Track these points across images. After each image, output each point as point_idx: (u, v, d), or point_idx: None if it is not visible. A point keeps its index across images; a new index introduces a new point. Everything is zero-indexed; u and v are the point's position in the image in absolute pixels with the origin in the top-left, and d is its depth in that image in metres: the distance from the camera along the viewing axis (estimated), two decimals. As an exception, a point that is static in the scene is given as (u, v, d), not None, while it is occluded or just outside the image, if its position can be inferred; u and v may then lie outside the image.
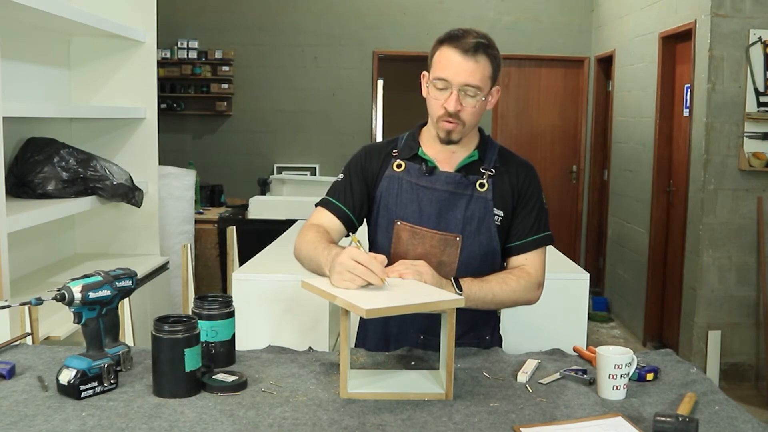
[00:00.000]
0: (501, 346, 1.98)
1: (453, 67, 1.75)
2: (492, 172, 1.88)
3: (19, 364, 1.65)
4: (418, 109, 1.94)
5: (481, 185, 1.86)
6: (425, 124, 1.93)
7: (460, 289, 1.74)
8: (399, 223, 1.86)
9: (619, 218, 6.14)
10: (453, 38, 1.77)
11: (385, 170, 1.90)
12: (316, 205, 1.96)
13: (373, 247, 1.93)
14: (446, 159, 1.89)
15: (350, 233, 1.87)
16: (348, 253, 1.58)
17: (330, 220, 1.90)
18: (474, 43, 1.75)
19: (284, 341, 1.95)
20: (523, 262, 1.89)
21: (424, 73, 1.86)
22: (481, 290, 1.78)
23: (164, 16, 4.18)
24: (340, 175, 1.96)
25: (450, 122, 1.79)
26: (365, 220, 1.97)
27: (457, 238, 1.84)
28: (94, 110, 3.34)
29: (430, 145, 1.90)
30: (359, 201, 1.92)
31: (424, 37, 6.94)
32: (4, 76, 2.61)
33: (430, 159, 1.88)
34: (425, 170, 1.87)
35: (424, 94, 1.86)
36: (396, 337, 1.92)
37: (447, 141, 1.83)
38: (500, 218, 1.86)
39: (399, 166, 1.89)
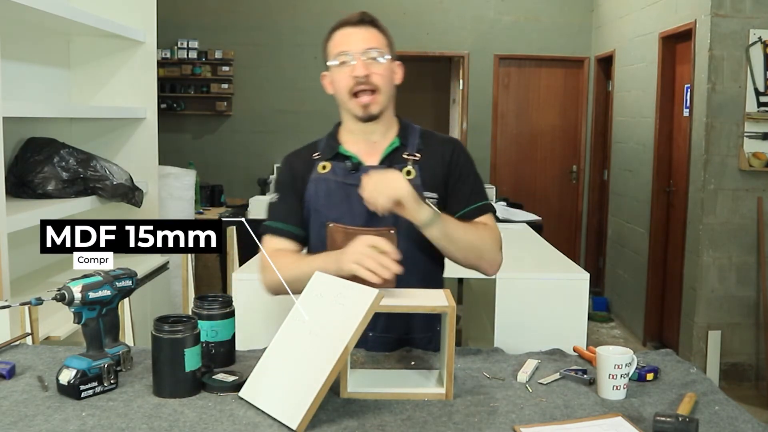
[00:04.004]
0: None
1: (350, 38, 1.80)
2: (417, 156, 1.85)
3: (19, 364, 1.65)
4: (418, 109, 1.95)
5: (408, 173, 1.81)
6: (341, 123, 1.91)
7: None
8: (331, 225, 1.82)
9: (619, 218, 6.14)
10: (339, 22, 1.84)
11: (310, 174, 1.86)
12: (261, 235, 1.88)
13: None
14: (368, 152, 1.86)
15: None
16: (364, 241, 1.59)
17: (283, 245, 1.85)
18: (359, 14, 1.83)
19: (284, 341, 1.95)
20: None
21: (324, 73, 1.87)
22: (457, 222, 1.73)
23: (164, 16, 4.17)
24: (275, 196, 1.91)
25: (364, 92, 1.78)
26: None
27: (392, 231, 1.78)
28: (94, 110, 3.34)
29: (351, 142, 1.88)
30: (300, 214, 1.87)
31: (424, 37, 6.94)
32: (4, 76, 2.60)
33: (353, 155, 1.85)
34: (350, 167, 1.84)
35: (329, 90, 1.87)
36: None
37: (366, 117, 1.81)
38: (435, 201, 1.80)
39: (324, 167, 1.86)
